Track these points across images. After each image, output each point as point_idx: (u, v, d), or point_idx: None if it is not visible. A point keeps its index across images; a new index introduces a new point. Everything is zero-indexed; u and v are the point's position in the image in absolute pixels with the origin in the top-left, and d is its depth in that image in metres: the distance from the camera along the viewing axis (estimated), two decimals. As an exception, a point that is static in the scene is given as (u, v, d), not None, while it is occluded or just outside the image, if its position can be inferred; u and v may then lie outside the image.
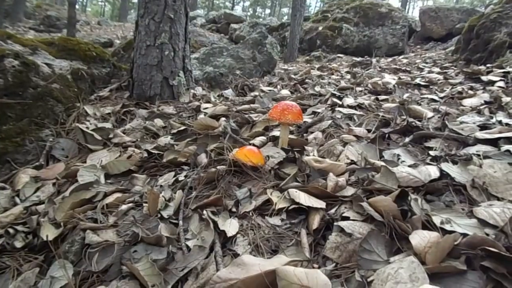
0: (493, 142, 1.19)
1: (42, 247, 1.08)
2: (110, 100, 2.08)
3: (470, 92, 2.07)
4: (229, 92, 2.32)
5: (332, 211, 1.02)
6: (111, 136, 1.69)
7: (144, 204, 1.15)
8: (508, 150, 1.06)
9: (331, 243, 0.90)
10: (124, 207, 1.14)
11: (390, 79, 2.73)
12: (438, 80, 2.65)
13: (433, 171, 1.07)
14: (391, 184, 1.06)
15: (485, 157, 1.08)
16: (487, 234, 0.82)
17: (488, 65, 2.74)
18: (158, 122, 1.85)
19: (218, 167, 1.30)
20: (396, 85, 2.34)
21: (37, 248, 1.09)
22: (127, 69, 2.44)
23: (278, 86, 2.47)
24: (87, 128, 1.71)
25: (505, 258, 0.69)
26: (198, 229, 1.04)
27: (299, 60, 6.99)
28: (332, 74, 3.96)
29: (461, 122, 1.39)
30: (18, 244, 1.08)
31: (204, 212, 1.08)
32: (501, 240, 0.79)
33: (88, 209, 1.19)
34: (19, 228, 1.16)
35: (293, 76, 2.98)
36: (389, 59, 5.90)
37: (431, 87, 2.43)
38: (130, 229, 1.03)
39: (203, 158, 1.40)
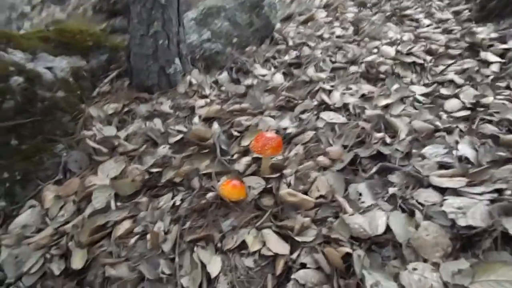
0: (442, 190, 1.37)
1: (73, 272, 1.41)
2: (111, 95, 2.22)
3: (457, 84, 2.10)
4: (224, 78, 2.39)
5: (294, 256, 1.29)
6: (116, 144, 1.90)
7: (148, 236, 1.44)
8: (444, 211, 1.25)
9: (288, 291, 1.19)
10: (132, 240, 1.43)
11: (389, 49, 2.68)
12: (437, 51, 2.60)
13: (380, 224, 1.28)
14: (345, 233, 1.30)
15: (426, 216, 1.28)
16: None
17: (492, 35, 2.62)
18: (157, 123, 2.03)
19: (207, 195, 1.54)
20: (390, 69, 2.35)
21: (69, 271, 1.43)
22: (125, 49, 2.48)
23: (272, 69, 2.51)
24: (94, 136, 1.92)
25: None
26: (190, 267, 1.33)
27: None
28: (337, 19, 3.81)
29: (423, 157, 1.54)
30: (56, 271, 1.41)
31: (195, 249, 1.37)
32: (410, 308, 1.06)
33: (104, 235, 1.49)
34: (54, 251, 1.48)
35: (290, 42, 2.94)
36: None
37: (425, 65, 2.43)
38: (138, 266, 1.34)
39: (195, 182, 1.63)
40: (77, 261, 1.41)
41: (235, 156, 1.74)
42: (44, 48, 2.09)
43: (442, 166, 1.49)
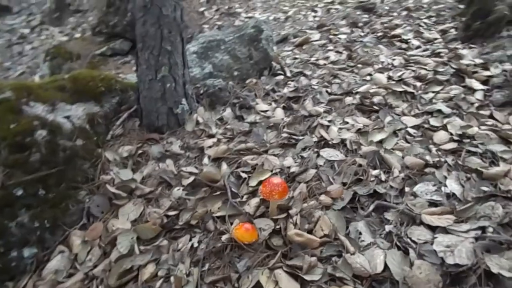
0: (433, 228, 1.54)
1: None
2: (124, 137, 2.38)
3: (444, 114, 2.28)
4: (228, 115, 2.55)
5: (304, 294, 1.46)
6: (133, 187, 2.06)
7: (171, 279, 1.60)
8: (435, 250, 1.42)
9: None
10: (158, 284, 1.59)
11: (381, 76, 2.86)
12: (426, 77, 2.78)
13: (379, 263, 1.45)
14: (348, 272, 1.46)
15: (419, 254, 1.45)
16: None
17: (476, 60, 2.81)
18: (170, 165, 2.19)
19: (222, 237, 1.71)
20: (382, 99, 2.53)
21: (103, 316, 1.59)
22: (133, 88, 2.64)
23: (273, 103, 2.68)
24: (113, 180, 2.08)
25: None
26: (212, 309, 1.50)
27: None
28: (331, 41, 3.99)
29: (415, 196, 1.71)
30: (91, 316, 1.57)
31: (215, 291, 1.54)
32: None
33: (131, 279, 1.65)
34: (86, 296, 1.65)
35: (288, 72, 3.12)
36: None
37: (415, 94, 2.61)
38: (165, 310, 1.50)
39: (210, 225, 1.80)
40: (109, 306, 1.58)
41: (245, 198, 1.91)
42: (61, 97, 2.25)
43: (432, 203, 1.66)
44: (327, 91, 2.76)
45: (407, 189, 1.76)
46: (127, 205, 2.00)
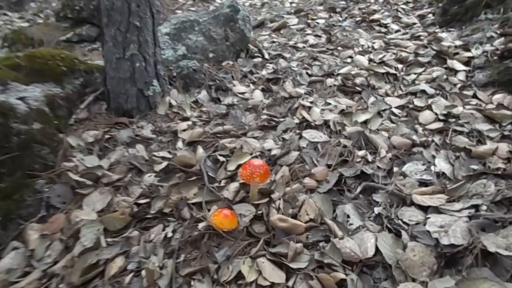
0: (425, 208, 1.45)
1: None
2: (89, 121, 2.17)
3: (428, 94, 2.22)
4: (203, 97, 2.39)
5: (290, 283, 1.33)
6: (99, 175, 1.87)
7: (142, 273, 1.43)
8: (428, 231, 1.33)
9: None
10: (127, 279, 1.42)
11: (362, 58, 2.78)
12: (408, 59, 2.72)
13: (370, 247, 1.35)
14: (337, 258, 1.35)
15: (412, 235, 1.35)
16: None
17: (456, 42, 2.77)
18: (140, 150, 2.00)
19: (199, 225, 1.55)
20: (365, 80, 2.44)
21: (64, 317, 1.40)
22: (101, 73, 2.41)
23: (251, 85, 2.53)
24: (76, 167, 1.87)
25: None
26: (188, 303, 1.35)
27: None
28: (309, 25, 3.88)
29: (405, 175, 1.62)
30: (49, 318, 1.38)
31: (192, 282, 1.38)
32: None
33: (97, 274, 1.47)
34: (44, 295, 1.45)
35: (266, 54, 2.97)
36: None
37: (398, 75, 2.54)
38: (136, 307, 1.34)
39: (186, 212, 1.64)
40: (71, 306, 1.39)
41: (223, 183, 1.76)
42: (15, 76, 2.01)
43: (422, 183, 1.58)
44: (307, 73, 2.64)
45: (395, 169, 1.67)
46: (93, 194, 1.80)
